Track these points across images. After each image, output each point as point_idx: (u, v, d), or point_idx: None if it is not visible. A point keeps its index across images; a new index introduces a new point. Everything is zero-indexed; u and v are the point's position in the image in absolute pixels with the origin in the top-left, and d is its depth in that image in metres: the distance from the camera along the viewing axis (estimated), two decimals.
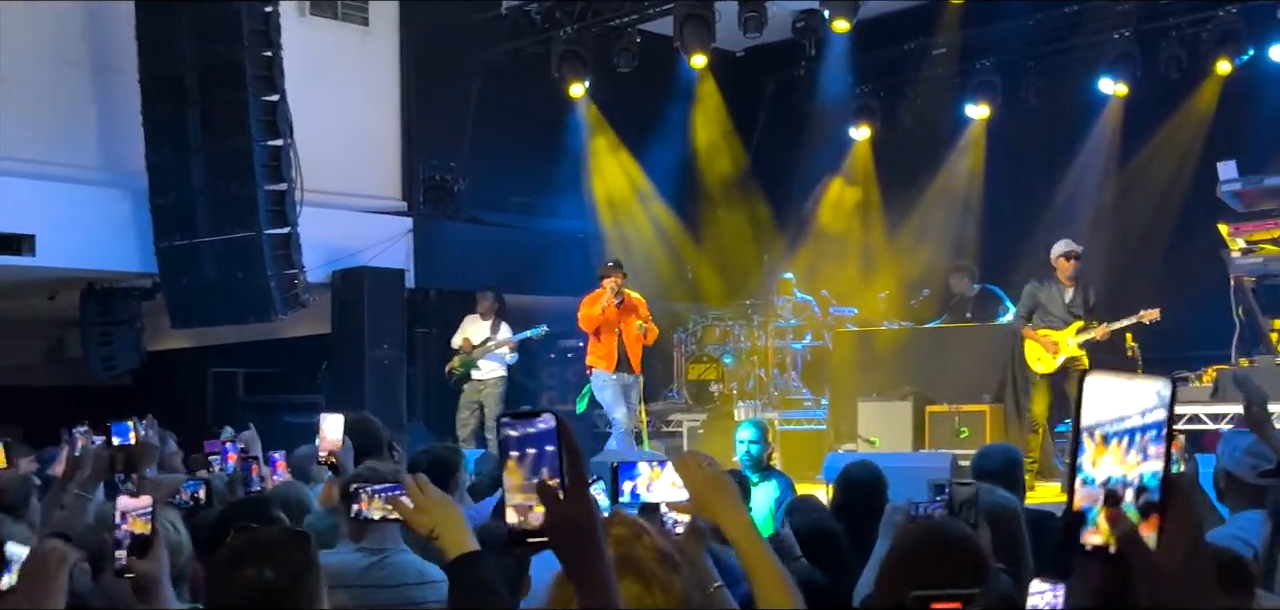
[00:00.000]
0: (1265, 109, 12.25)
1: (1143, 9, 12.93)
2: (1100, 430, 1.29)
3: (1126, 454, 1.27)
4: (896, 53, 14.77)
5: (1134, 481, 1.27)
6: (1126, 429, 1.28)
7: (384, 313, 12.51)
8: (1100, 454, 1.29)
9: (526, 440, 1.77)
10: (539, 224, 14.56)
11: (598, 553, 1.77)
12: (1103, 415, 1.29)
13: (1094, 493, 1.29)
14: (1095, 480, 1.28)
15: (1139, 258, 12.84)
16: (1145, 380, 1.29)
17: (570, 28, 13.30)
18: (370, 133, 13.54)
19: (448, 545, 2.63)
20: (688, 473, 2.37)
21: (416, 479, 2.73)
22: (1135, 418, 1.28)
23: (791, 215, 15.65)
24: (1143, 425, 1.27)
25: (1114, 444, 1.28)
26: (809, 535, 3.97)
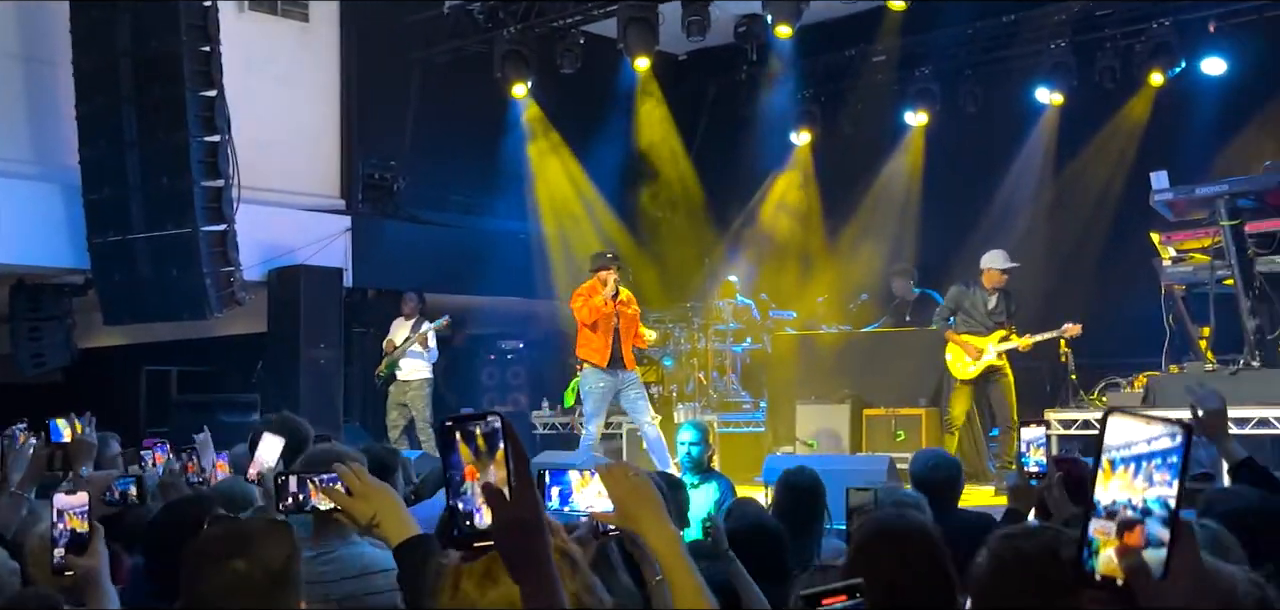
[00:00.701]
0: (1197, 120, 12.49)
1: (1078, 20, 13.14)
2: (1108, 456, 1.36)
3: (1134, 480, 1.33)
4: (837, 59, 14.89)
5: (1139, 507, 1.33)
6: (1135, 457, 1.34)
7: (321, 312, 12.39)
8: (1108, 479, 1.35)
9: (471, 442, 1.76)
10: (479, 224, 14.50)
11: (543, 553, 1.77)
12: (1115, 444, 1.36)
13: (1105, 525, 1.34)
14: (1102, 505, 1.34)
15: (1073, 264, 13.02)
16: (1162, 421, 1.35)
17: (513, 28, 13.26)
18: (309, 130, 13.41)
19: (389, 533, 2.61)
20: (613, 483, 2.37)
21: (353, 468, 2.71)
22: (1141, 446, 1.34)
23: (732, 218, 15.72)
24: (1149, 453, 1.34)
25: (1121, 469, 1.34)
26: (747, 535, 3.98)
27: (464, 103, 14.16)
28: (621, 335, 10.54)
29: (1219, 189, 9.60)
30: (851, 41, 14.47)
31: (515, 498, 1.73)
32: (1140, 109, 13.14)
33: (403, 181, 13.95)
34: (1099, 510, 1.35)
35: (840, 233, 15.09)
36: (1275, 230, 9.45)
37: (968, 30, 13.81)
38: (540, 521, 1.77)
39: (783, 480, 5.27)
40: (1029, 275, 13.20)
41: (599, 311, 10.41)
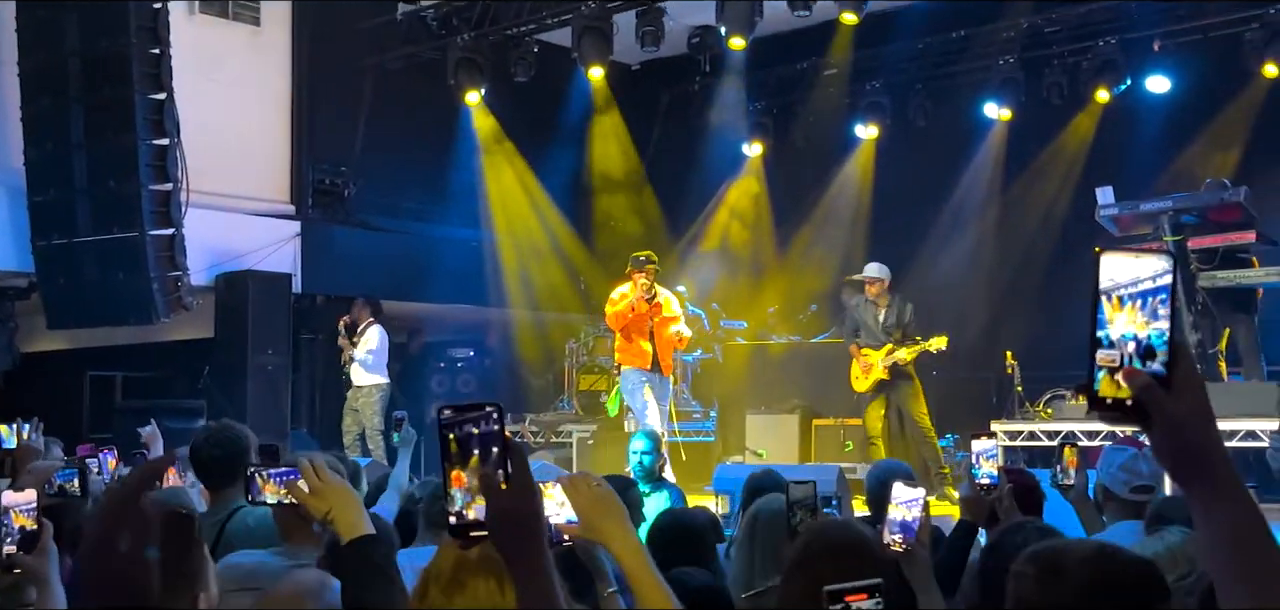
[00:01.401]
0: (1142, 137, 12.69)
1: (1027, 37, 13.31)
2: (1117, 293, 1.48)
3: (1139, 314, 1.46)
4: (789, 71, 14.98)
5: (1144, 339, 1.46)
6: (1140, 292, 1.47)
7: (269, 318, 12.28)
8: (1116, 313, 1.47)
9: (466, 434, 1.76)
10: (430, 231, 14.43)
11: (540, 546, 1.77)
12: (1118, 280, 1.48)
13: (1111, 354, 1.47)
14: (1111, 338, 1.47)
15: (1020, 277, 13.17)
16: (1151, 255, 1.48)
17: (467, 35, 13.22)
18: (259, 134, 13.30)
19: (342, 528, 2.60)
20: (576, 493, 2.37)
21: (312, 463, 2.70)
22: (1147, 283, 1.47)
23: (685, 228, 15.76)
24: (1153, 289, 1.47)
25: (1129, 305, 1.47)
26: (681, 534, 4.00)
27: (416, 109, 14.10)
28: (658, 339, 10.28)
29: (1163, 205, 9.77)
30: (804, 54, 14.56)
31: (512, 488, 1.73)
32: (1087, 125, 13.33)
33: (353, 187, 13.87)
34: (1106, 342, 1.47)
35: (791, 243, 15.19)
36: (1217, 246, 9.62)
37: (918, 45, 13.94)
38: (537, 512, 1.77)
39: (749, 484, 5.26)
40: (976, 287, 13.38)
41: (626, 317, 10.16)
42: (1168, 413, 1.44)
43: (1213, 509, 1.46)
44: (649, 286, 10.13)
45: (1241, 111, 12.37)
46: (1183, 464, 1.47)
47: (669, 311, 10.30)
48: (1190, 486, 1.47)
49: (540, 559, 1.77)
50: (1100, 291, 1.48)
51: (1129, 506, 4.18)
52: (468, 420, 1.76)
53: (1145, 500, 4.16)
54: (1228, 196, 9.67)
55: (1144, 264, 1.47)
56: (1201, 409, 1.46)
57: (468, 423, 1.76)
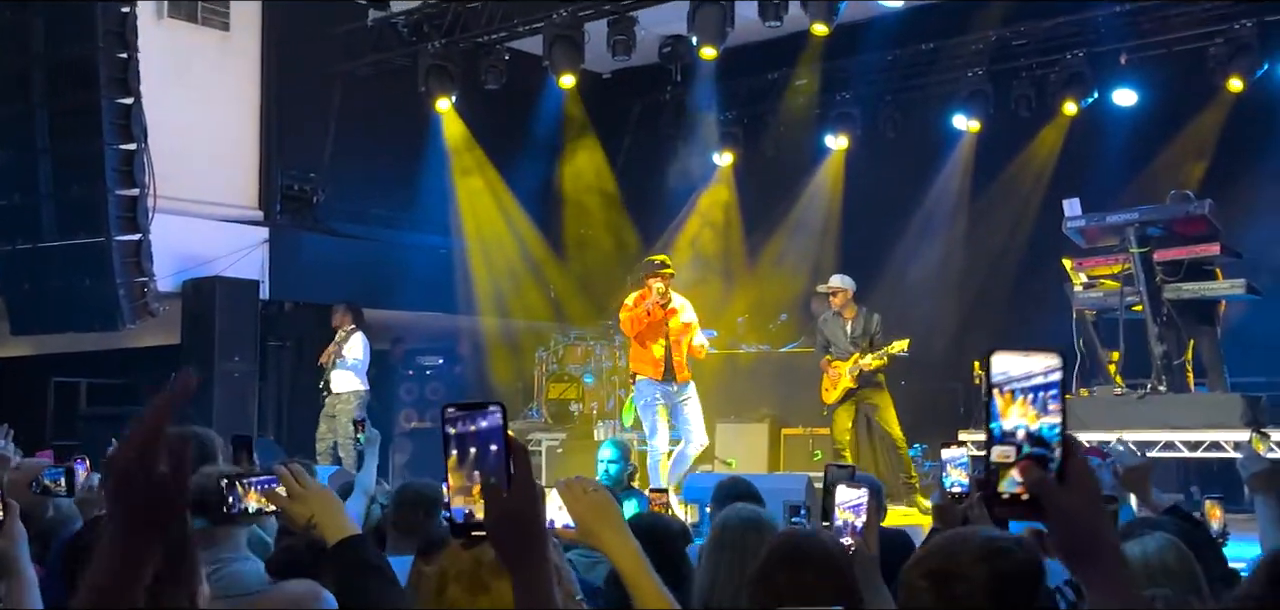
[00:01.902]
0: (1109, 149, 12.80)
1: (995, 50, 13.41)
2: (1008, 387, 1.52)
3: (1030, 408, 1.51)
4: (760, 82, 15.03)
5: (1035, 431, 1.50)
6: (1031, 386, 1.51)
7: (236, 324, 12.20)
8: (1007, 406, 1.51)
9: (469, 433, 1.75)
10: (400, 238, 14.37)
11: (541, 550, 1.76)
12: (1010, 374, 1.52)
13: (1006, 450, 1.51)
14: (1002, 430, 1.51)
15: (988, 288, 13.25)
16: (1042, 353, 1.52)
17: (438, 42, 13.18)
18: (227, 140, 13.22)
19: (327, 531, 2.59)
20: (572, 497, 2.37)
21: (291, 469, 2.69)
22: (1038, 378, 1.51)
23: (655, 237, 15.76)
24: (1045, 384, 1.51)
25: (1019, 399, 1.51)
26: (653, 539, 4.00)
27: (386, 116, 14.05)
28: (673, 345, 10.02)
29: (1129, 217, 9.86)
30: (774, 65, 14.61)
31: (514, 490, 1.72)
32: (1054, 137, 13.44)
33: (322, 194, 13.81)
34: (998, 436, 1.52)
35: (761, 253, 15.22)
36: (1182, 258, 9.72)
37: (888, 57, 14.02)
38: (538, 515, 1.76)
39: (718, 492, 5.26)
40: (944, 298, 13.45)
41: (642, 322, 9.94)
42: (1061, 506, 1.50)
43: (1106, 597, 1.53)
44: (664, 291, 9.92)
45: (1207, 125, 12.49)
46: (1076, 554, 1.53)
47: (685, 318, 10.10)
48: (1083, 574, 1.54)
49: (541, 562, 1.76)
50: (992, 385, 1.52)
51: None
52: (470, 418, 1.75)
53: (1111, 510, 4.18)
54: (1192, 209, 9.76)
55: (1035, 361, 1.52)
56: (1093, 500, 1.53)
57: (470, 421, 1.75)
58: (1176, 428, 9.04)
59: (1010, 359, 1.53)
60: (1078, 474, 1.51)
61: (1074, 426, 7.46)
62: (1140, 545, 3.04)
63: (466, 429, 1.75)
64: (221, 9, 13.08)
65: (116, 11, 10.57)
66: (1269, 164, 11.90)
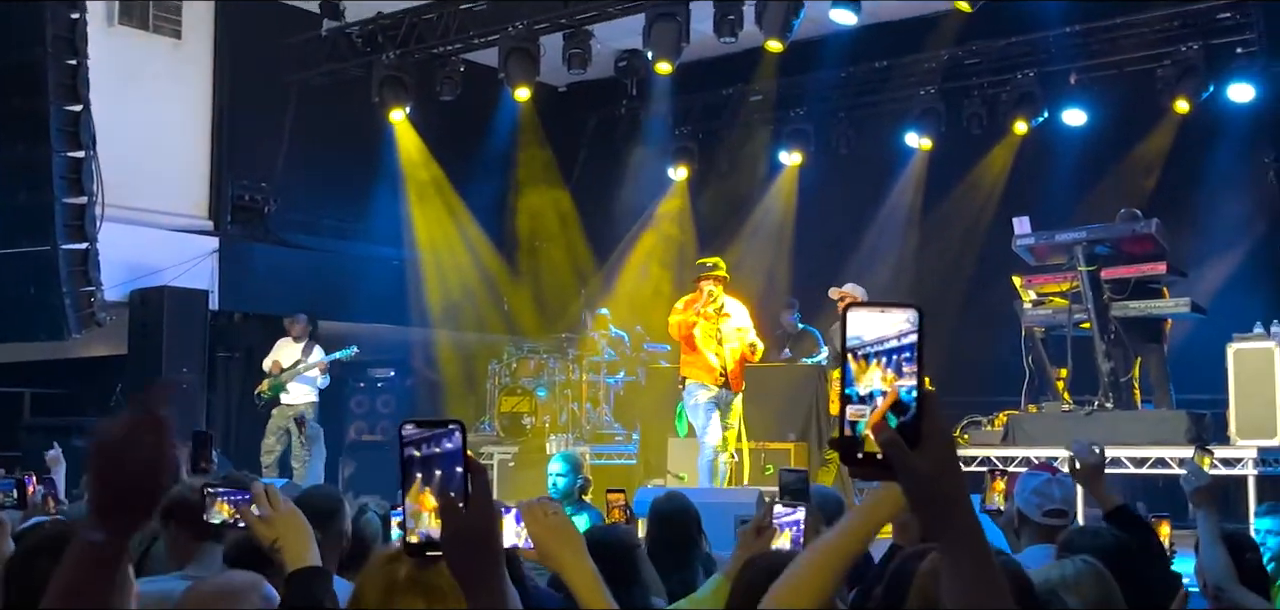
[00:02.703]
0: (1058, 168, 12.96)
1: (947, 69, 13.55)
2: (863, 352, 1.48)
3: (885, 371, 1.48)
4: (715, 97, 15.10)
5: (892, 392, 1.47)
6: (885, 350, 1.48)
7: (185, 335, 12.06)
8: (863, 371, 1.48)
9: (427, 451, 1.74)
10: (351, 249, 14.29)
11: (497, 569, 1.74)
12: (864, 338, 1.48)
13: (860, 409, 1.48)
14: (858, 393, 1.48)
15: (939, 305, 13.32)
16: (898, 309, 1.48)
17: (392, 53, 13.13)
18: (178, 148, 13.10)
19: (289, 557, 2.56)
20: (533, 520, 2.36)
21: (266, 488, 2.66)
22: (893, 340, 1.48)
23: (609, 251, 15.78)
24: (898, 346, 1.47)
25: (874, 362, 1.48)
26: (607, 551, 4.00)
27: (340, 126, 13.97)
28: (727, 350, 9.72)
29: (1077, 236, 9.97)
30: (729, 80, 14.68)
31: (471, 509, 1.71)
32: (1005, 156, 13.58)
33: (274, 204, 13.70)
34: (854, 397, 1.48)
35: None
36: (1130, 277, 9.83)
37: (841, 74, 14.12)
38: (495, 535, 1.75)
39: (652, 510, 5.27)
40: None
41: (688, 327, 9.67)
42: (913, 467, 1.46)
43: (958, 559, 1.50)
44: (715, 294, 9.64)
45: (1154, 145, 12.68)
46: (930, 515, 1.50)
47: (737, 322, 9.80)
48: (938, 536, 1.51)
49: (496, 581, 1.75)
50: (847, 348, 1.49)
51: (1043, 530, 4.24)
52: (429, 437, 1.75)
53: (1060, 524, 4.22)
54: (1140, 228, 9.88)
55: (889, 319, 1.48)
56: (947, 462, 1.49)
57: (429, 440, 1.75)
58: (1123, 444, 9.13)
59: (865, 318, 1.48)
60: (932, 435, 1.47)
61: (1024, 442, 7.53)
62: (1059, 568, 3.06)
63: (425, 447, 1.74)
64: (173, 16, 12.97)
65: (66, 17, 10.44)
66: (1214, 184, 12.09)
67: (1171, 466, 9.17)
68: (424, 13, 13.09)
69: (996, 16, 12.08)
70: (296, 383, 11.90)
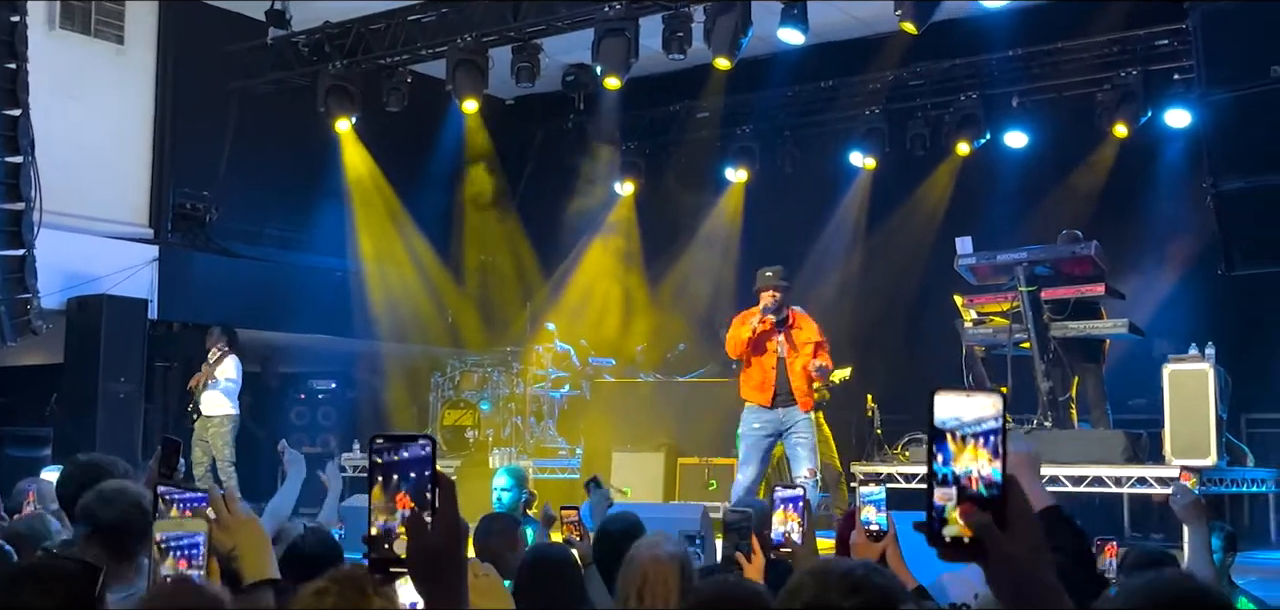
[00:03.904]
0: (1000, 189, 13.11)
1: (892, 90, 13.68)
2: (961, 433, 1.51)
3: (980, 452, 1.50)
4: (662, 113, 15.14)
5: (986, 476, 1.50)
6: (983, 431, 1.50)
7: (122, 344, 11.89)
8: (962, 451, 1.50)
9: (396, 464, 1.73)
10: (295, 259, 14.15)
11: (459, 585, 1.74)
12: (962, 419, 1.51)
13: (947, 492, 1.50)
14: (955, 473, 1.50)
15: (882, 323, 13.44)
16: (983, 394, 1.51)
17: (339, 62, 13.04)
18: (119, 155, 12.92)
19: (246, 568, 2.52)
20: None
21: (225, 495, 2.62)
22: (990, 422, 1.51)
23: (555, 265, 15.75)
24: (994, 428, 1.51)
25: (972, 444, 1.50)
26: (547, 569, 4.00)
27: (284, 135, 13.85)
28: (789, 366, 8.90)
29: (1018, 256, 10.09)
30: (677, 97, 14.73)
31: (437, 524, 1.70)
32: (948, 176, 13.73)
33: (216, 212, 13.54)
34: (950, 477, 1.51)
35: (661, 282, 15.28)
36: (1069, 297, 9.96)
37: (787, 93, 14.22)
38: (458, 552, 1.74)
39: (601, 529, 5.24)
40: (839, 332, 13.58)
41: (743, 343, 8.94)
42: (1005, 550, 1.50)
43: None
44: (776, 304, 8.88)
45: (1094, 168, 12.87)
46: (1020, 597, 1.53)
47: (805, 335, 8.98)
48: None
49: (459, 597, 1.75)
50: (943, 429, 1.51)
51: None
52: (398, 449, 1.74)
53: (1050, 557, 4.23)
54: (1079, 250, 10.02)
55: (978, 403, 1.51)
56: (1035, 543, 1.53)
57: (398, 453, 1.74)
58: (1061, 463, 9.25)
59: (955, 401, 1.51)
60: (1019, 518, 1.51)
61: None
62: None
63: (394, 461, 1.73)
64: (116, 22, 12.80)
65: (6, 20, 10.25)
66: (1152, 208, 12.29)
67: (1108, 485, 9.32)
68: (371, 23, 13.02)
69: (940, 39, 12.22)
70: (207, 394, 11.73)
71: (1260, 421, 11.50)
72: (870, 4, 12.13)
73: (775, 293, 8.91)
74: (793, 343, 8.93)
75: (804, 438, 8.84)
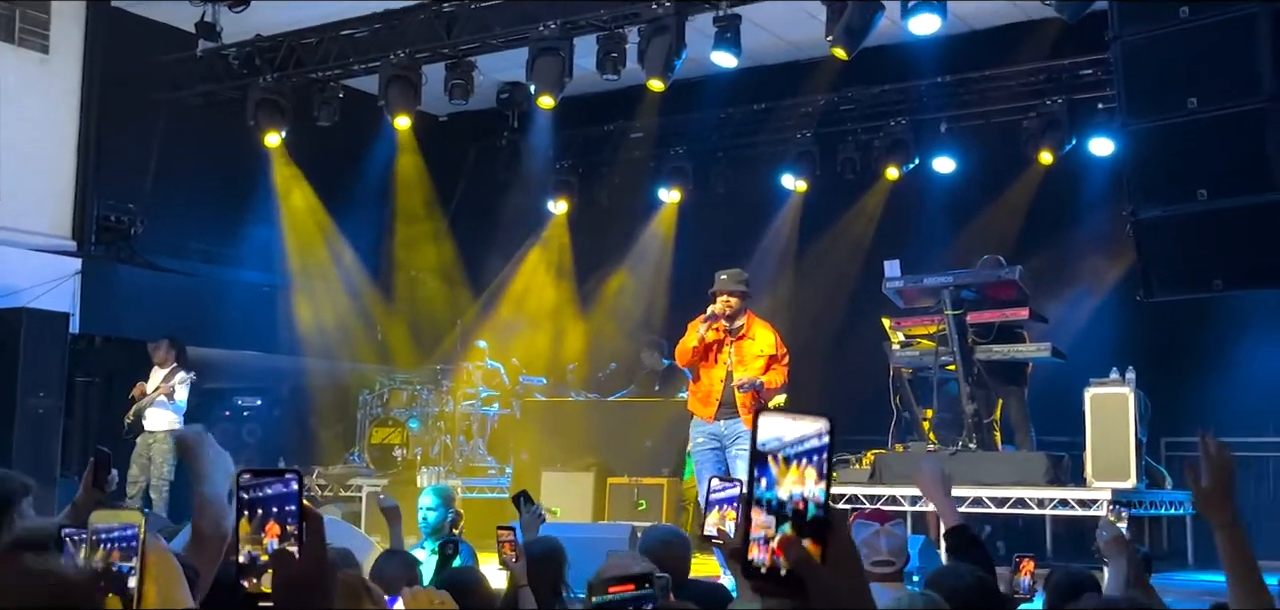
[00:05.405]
0: (927, 213, 13.30)
1: (823, 114, 13.83)
2: (783, 453, 1.39)
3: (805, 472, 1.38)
4: (596, 132, 15.17)
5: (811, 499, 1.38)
6: (807, 450, 1.39)
7: (42, 358, 11.64)
8: (785, 473, 1.39)
9: (263, 499, 1.73)
10: (221, 274, 13.96)
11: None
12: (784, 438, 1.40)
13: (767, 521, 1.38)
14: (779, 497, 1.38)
15: (811, 344, 13.52)
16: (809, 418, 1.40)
17: (270, 76, 12.91)
18: (42, 166, 12.67)
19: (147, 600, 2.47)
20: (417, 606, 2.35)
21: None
22: (813, 442, 1.39)
23: (487, 282, 15.70)
24: (818, 448, 1.38)
25: (795, 464, 1.39)
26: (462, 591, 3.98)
27: (213, 148, 13.68)
28: (736, 375, 8.20)
29: (944, 280, 10.21)
30: (611, 116, 14.77)
31: (304, 557, 1.69)
32: (877, 200, 13.89)
33: (141, 225, 13.31)
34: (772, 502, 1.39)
35: (593, 302, 15.30)
36: (994, 321, 10.10)
37: (721, 114, 14.32)
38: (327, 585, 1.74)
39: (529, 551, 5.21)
40: None
41: (690, 351, 8.26)
42: (825, 584, 1.38)
43: None
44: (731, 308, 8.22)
45: (1019, 194, 13.09)
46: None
47: (760, 348, 8.30)
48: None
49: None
50: (764, 451, 1.40)
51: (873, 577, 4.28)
52: (265, 484, 1.74)
53: (889, 573, 4.28)
54: (1004, 274, 10.17)
55: (803, 425, 1.40)
56: (857, 578, 1.42)
57: (265, 487, 1.74)
58: (985, 484, 9.36)
59: (778, 422, 1.40)
60: (841, 550, 1.39)
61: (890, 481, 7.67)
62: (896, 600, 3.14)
63: (261, 494, 1.73)
64: (41, 30, 12.58)
65: None
66: (1075, 234, 12.52)
67: (1031, 506, 9.45)
68: (303, 37, 12.91)
69: (871, 65, 12.36)
70: (153, 410, 11.53)
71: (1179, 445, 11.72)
72: (802, 29, 12.26)
73: (729, 299, 8.28)
74: (741, 355, 8.32)
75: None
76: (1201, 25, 5.31)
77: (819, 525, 1.37)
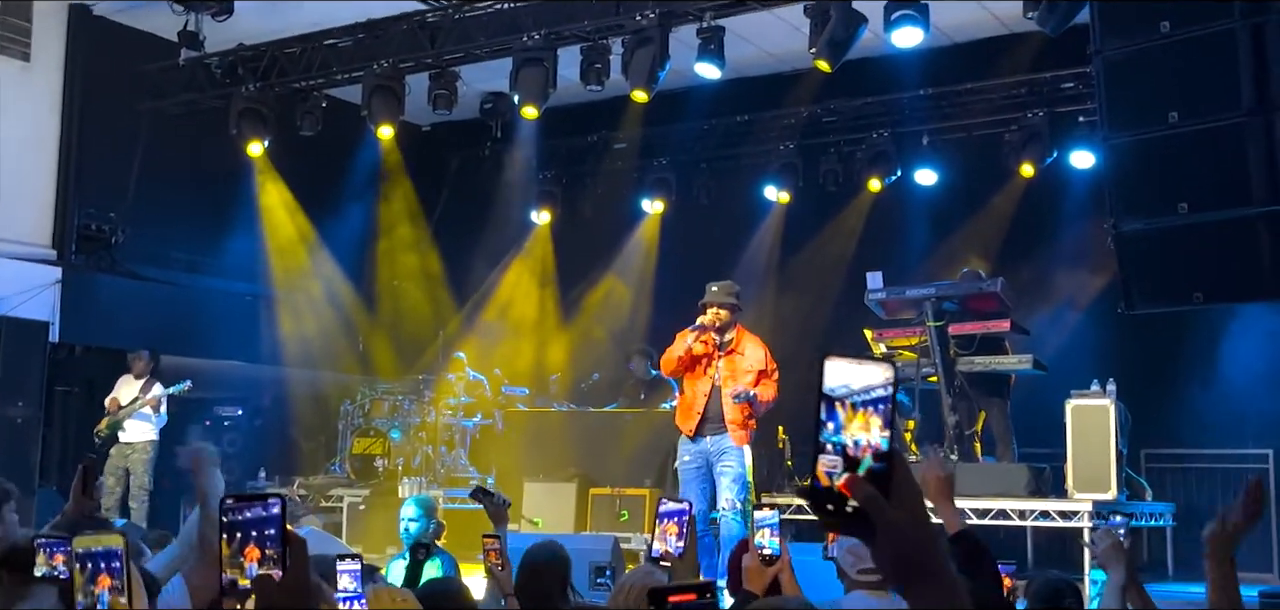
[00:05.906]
0: (910, 225, 13.33)
1: (806, 125, 13.86)
2: (851, 400, 1.46)
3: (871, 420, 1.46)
4: (580, 143, 15.17)
5: (875, 445, 1.45)
6: (872, 399, 1.46)
7: (21, 367, 11.58)
8: (852, 419, 1.46)
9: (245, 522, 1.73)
10: (203, 283, 13.90)
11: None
12: (852, 386, 1.46)
13: (835, 459, 1.46)
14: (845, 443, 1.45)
15: (793, 355, 13.46)
16: (874, 363, 1.47)
17: (253, 85, 12.87)
18: (22, 173, 12.60)
19: None
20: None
21: None
22: (879, 391, 1.46)
23: (470, 293, 15.68)
24: (884, 397, 1.46)
25: (862, 411, 1.46)
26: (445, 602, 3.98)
27: (195, 157, 13.63)
28: (723, 389, 8.10)
29: (926, 292, 10.26)
30: (594, 127, 14.78)
31: (285, 582, 1.69)
32: (859, 211, 13.92)
33: (123, 234, 13.24)
34: (838, 446, 1.46)
35: (576, 312, 15.29)
36: (975, 333, 10.15)
37: (704, 126, 14.34)
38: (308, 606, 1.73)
39: (524, 560, 5.18)
40: None
41: (675, 362, 8.16)
42: (890, 521, 1.44)
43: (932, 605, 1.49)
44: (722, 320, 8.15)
45: (1001, 206, 13.13)
46: (903, 569, 1.48)
47: (749, 363, 8.23)
48: (911, 591, 1.49)
49: None
50: (831, 396, 1.46)
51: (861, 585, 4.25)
52: (245, 508, 1.75)
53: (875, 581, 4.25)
54: (985, 286, 10.23)
55: (868, 371, 1.46)
56: (920, 516, 1.48)
57: (245, 510, 1.74)
58: (966, 495, 9.39)
59: (845, 368, 1.46)
60: (904, 489, 1.46)
61: None
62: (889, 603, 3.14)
63: (244, 518, 1.74)
64: (22, 38, 12.52)
65: None
66: (1056, 246, 12.57)
67: (1012, 518, 9.48)
68: (286, 46, 12.87)
69: (853, 77, 12.39)
70: (133, 421, 11.49)
71: (1159, 456, 11.82)
72: (785, 42, 12.29)
73: (720, 311, 8.19)
74: (732, 369, 8.20)
75: (729, 467, 8.15)
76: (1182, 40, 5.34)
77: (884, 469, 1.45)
